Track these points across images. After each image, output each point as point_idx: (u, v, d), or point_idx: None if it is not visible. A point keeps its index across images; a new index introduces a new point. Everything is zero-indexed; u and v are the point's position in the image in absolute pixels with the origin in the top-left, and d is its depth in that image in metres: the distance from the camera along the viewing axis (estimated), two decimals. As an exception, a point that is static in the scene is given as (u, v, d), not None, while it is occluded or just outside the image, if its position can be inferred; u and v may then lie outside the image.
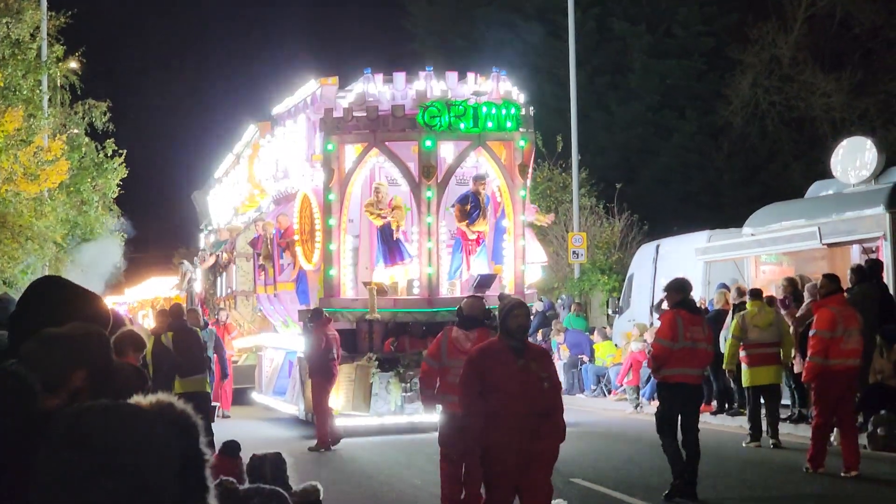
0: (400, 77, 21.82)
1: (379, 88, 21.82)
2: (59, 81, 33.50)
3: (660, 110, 47.03)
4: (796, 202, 25.18)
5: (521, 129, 22.08)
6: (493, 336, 12.28)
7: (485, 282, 21.25)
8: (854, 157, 23.24)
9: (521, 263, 22.27)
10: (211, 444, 12.99)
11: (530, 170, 23.03)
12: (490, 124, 21.65)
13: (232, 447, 11.66)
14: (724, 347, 19.30)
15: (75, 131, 32.85)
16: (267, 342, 27.44)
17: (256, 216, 28.17)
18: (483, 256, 22.23)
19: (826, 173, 25.00)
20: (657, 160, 46.59)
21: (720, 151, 47.08)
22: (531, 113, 22.82)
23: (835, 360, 14.62)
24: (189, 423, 3.81)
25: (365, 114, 21.51)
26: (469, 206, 21.74)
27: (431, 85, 21.71)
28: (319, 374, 19.93)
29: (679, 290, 13.69)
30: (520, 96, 22.71)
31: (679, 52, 47.38)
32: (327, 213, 21.82)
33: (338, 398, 20.64)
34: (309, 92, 23.26)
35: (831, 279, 15.46)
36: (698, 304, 22.42)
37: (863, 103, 44.34)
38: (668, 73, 47.40)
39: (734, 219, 28.74)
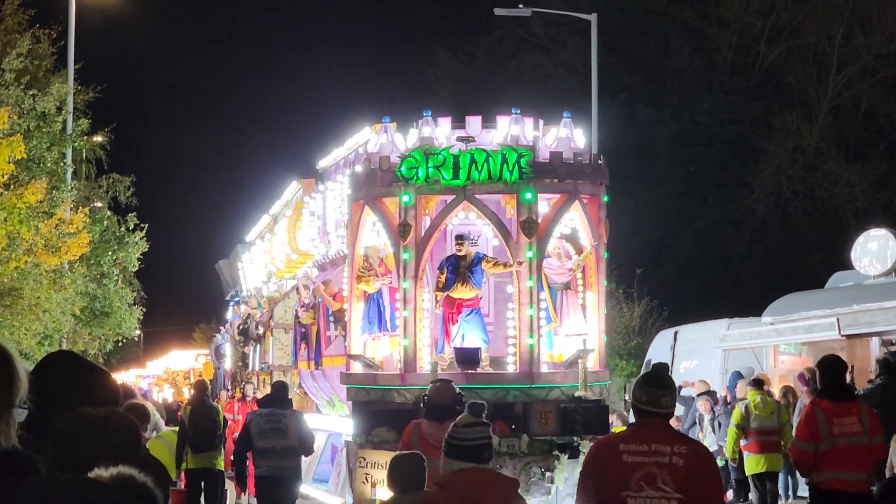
0: (389, 126, 19.06)
1: (371, 139, 19.40)
2: (84, 154, 33.70)
3: (683, 196, 47.08)
4: (816, 292, 25.07)
5: (530, 179, 18.13)
6: None
7: (465, 357, 18.09)
8: (875, 250, 23.17)
9: (527, 336, 18.32)
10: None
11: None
12: (478, 174, 18.06)
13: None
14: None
15: (98, 204, 33.02)
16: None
17: (299, 281, 25.39)
18: (476, 326, 18.64)
19: (848, 264, 24.91)
20: (679, 246, 46.54)
21: (742, 239, 47.01)
22: (599, 162, 19.04)
23: None
24: (150, 495, 3.80)
25: (362, 168, 19.02)
26: (445, 273, 18.38)
27: (412, 132, 18.90)
28: None
29: (825, 373, 11.15)
30: (572, 141, 18.89)
31: (703, 140, 47.51)
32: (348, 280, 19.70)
33: None
34: (362, 141, 21.14)
35: None
36: (721, 395, 22.43)
37: (886, 195, 44.32)
38: (692, 160, 47.51)
39: (754, 307, 28.58)
